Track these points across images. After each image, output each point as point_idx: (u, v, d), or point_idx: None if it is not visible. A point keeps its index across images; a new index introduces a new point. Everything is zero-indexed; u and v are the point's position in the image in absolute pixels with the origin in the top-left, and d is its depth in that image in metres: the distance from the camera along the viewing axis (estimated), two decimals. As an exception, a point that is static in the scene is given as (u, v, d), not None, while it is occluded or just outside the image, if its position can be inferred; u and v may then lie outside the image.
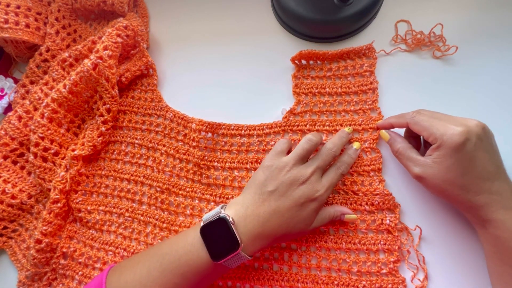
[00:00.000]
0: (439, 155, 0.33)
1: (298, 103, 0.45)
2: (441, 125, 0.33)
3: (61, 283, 0.44)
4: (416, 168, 0.35)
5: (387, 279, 0.37)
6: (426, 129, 0.34)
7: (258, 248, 0.34)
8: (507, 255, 0.31)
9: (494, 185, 0.32)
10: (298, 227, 0.35)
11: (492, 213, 0.31)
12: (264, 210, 0.35)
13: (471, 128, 0.32)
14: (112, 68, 0.46)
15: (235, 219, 0.34)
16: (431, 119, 0.34)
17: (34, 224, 0.48)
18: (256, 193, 0.36)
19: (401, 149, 0.37)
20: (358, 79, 0.44)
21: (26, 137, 0.49)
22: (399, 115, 0.38)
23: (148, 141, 0.48)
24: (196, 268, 0.34)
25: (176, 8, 0.56)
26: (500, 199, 0.31)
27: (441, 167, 0.33)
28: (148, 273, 0.34)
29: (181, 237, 0.36)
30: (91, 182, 0.48)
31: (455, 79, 0.43)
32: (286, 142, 0.40)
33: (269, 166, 0.37)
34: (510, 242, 0.31)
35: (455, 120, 0.33)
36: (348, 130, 0.41)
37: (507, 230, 0.31)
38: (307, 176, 0.36)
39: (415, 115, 0.35)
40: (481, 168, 0.32)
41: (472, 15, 0.45)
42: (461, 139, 0.31)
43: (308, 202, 0.35)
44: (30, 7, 0.53)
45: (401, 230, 0.39)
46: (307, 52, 0.45)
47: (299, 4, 0.46)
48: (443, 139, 0.32)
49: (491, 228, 0.32)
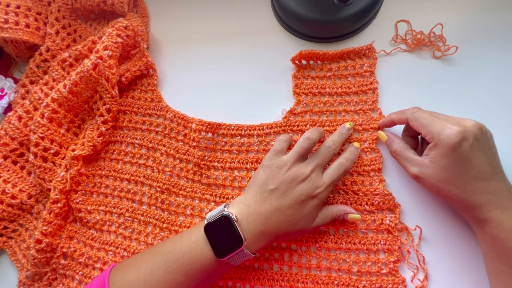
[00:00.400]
0: (436, 154, 0.33)
1: (298, 103, 0.45)
2: (439, 124, 0.33)
3: (61, 283, 0.45)
4: (413, 168, 0.35)
5: (387, 279, 0.37)
6: (424, 127, 0.34)
7: (261, 245, 0.35)
8: (504, 255, 0.31)
9: (491, 185, 0.32)
10: (300, 225, 0.36)
11: (488, 213, 0.32)
12: (266, 208, 0.35)
13: (468, 128, 0.32)
14: (112, 68, 0.46)
15: (239, 217, 0.35)
16: (430, 117, 0.34)
17: (34, 224, 0.48)
18: (257, 192, 0.36)
19: (398, 149, 0.37)
20: (358, 79, 0.44)
21: (26, 137, 0.49)
22: (400, 111, 0.39)
23: (148, 141, 0.48)
24: (200, 265, 0.34)
25: (176, 8, 0.56)
26: (496, 199, 0.31)
27: (438, 166, 0.33)
28: (151, 272, 0.34)
29: (185, 235, 0.36)
30: (91, 182, 0.48)
31: (455, 79, 0.43)
32: (285, 140, 0.40)
33: (269, 165, 0.38)
34: (507, 241, 0.31)
35: (453, 119, 0.33)
36: (348, 126, 0.41)
37: (504, 230, 0.31)
38: (306, 174, 0.36)
39: (416, 111, 0.36)
40: (478, 168, 0.32)
41: (472, 15, 0.45)
42: (458, 138, 0.31)
43: (309, 199, 0.36)
44: (30, 7, 0.53)
45: (401, 230, 0.39)
46: (307, 52, 0.45)
47: (299, 4, 0.46)
48: (440, 138, 0.32)
49: (488, 227, 0.32)
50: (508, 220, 0.31)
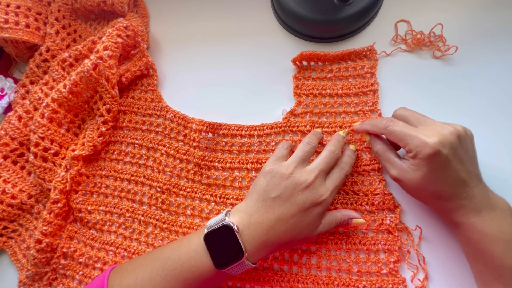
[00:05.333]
0: (414, 163, 0.33)
1: (299, 104, 0.45)
2: (414, 136, 0.33)
3: (62, 283, 0.45)
4: (393, 170, 0.36)
5: (387, 279, 0.37)
6: (400, 140, 0.34)
7: (262, 256, 0.34)
8: (480, 255, 0.32)
9: (465, 191, 0.33)
10: (303, 233, 0.34)
11: (461, 216, 0.33)
12: (268, 217, 0.34)
13: (445, 137, 0.32)
14: (112, 68, 0.46)
15: (240, 227, 0.34)
16: (404, 129, 0.34)
17: (34, 224, 0.48)
18: (258, 200, 0.35)
19: (379, 150, 0.37)
20: (358, 81, 0.44)
21: (26, 137, 0.49)
22: (373, 123, 0.38)
23: (148, 141, 0.48)
24: (199, 275, 0.33)
25: (176, 8, 0.55)
26: (469, 203, 0.32)
27: (415, 174, 0.33)
28: (149, 278, 0.34)
29: (185, 242, 0.35)
30: (92, 182, 0.48)
31: (455, 79, 0.43)
32: (287, 147, 0.40)
33: (270, 171, 0.36)
34: (480, 243, 0.32)
35: (429, 129, 0.33)
36: (343, 134, 0.40)
37: (477, 232, 0.32)
38: (310, 180, 0.35)
39: (389, 125, 0.35)
40: (453, 177, 0.32)
41: (472, 15, 0.45)
42: (433, 151, 0.32)
43: (313, 206, 0.34)
44: (30, 7, 0.53)
45: (401, 230, 0.39)
46: (308, 53, 0.44)
47: (299, 4, 0.46)
48: (417, 150, 0.33)
49: (462, 230, 0.33)
50: (480, 223, 0.32)
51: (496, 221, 0.32)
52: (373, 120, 0.38)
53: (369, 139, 0.39)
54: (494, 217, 0.32)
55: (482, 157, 0.39)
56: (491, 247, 0.31)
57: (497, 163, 0.39)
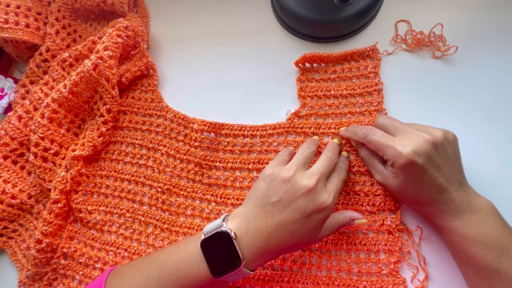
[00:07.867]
0: (392, 171, 0.35)
1: (304, 106, 0.45)
2: (390, 147, 0.34)
3: (62, 283, 0.44)
4: (377, 175, 0.38)
5: (387, 279, 0.37)
6: (378, 150, 0.36)
7: (260, 263, 0.33)
8: (463, 257, 0.33)
9: (443, 196, 0.33)
10: (305, 240, 0.33)
11: (442, 221, 0.34)
12: (267, 223, 0.33)
13: (419, 147, 0.33)
14: (112, 68, 0.46)
15: (238, 233, 0.33)
16: (381, 139, 0.35)
17: (34, 224, 0.48)
18: (257, 205, 0.34)
19: (364, 156, 0.40)
20: (362, 81, 0.44)
21: (26, 137, 0.49)
22: (354, 130, 0.39)
23: (149, 141, 0.48)
24: (196, 282, 0.33)
25: (176, 8, 0.55)
26: (448, 208, 0.33)
27: (394, 181, 0.35)
28: (146, 283, 0.33)
29: (182, 246, 0.35)
30: (92, 183, 0.48)
31: (455, 79, 0.43)
32: (288, 154, 0.39)
33: (271, 175, 0.35)
34: (461, 245, 0.33)
35: (405, 138, 0.34)
36: (337, 141, 0.41)
37: (457, 235, 0.33)
38: (312, 184, 0.33)
39: (368, 134, 0.37)
40: (430, 184, 0.33)
41: (472, 15, 0.45)
42: (407, 161, 0.33)
43: (315, 212, 0.33)
44: (30, 7, 0.53)
45: (402, 231, 0.39)
46: (310, 55, 0.44)
47: (299, 4, 0.46)
48: (393, 160, 0.34)
49: (444, 233, 0.34)
50: (459, 226, 0.33)
51: (475, 224, 0.32)
52: (354, 128, 0.39)
53: (355, 144, 0.41)
54: (474, 220, 0.32)
55: (481, 157, 0.39)
56: (472, 249, 0.32)
57: (497, 162, 0.39)
